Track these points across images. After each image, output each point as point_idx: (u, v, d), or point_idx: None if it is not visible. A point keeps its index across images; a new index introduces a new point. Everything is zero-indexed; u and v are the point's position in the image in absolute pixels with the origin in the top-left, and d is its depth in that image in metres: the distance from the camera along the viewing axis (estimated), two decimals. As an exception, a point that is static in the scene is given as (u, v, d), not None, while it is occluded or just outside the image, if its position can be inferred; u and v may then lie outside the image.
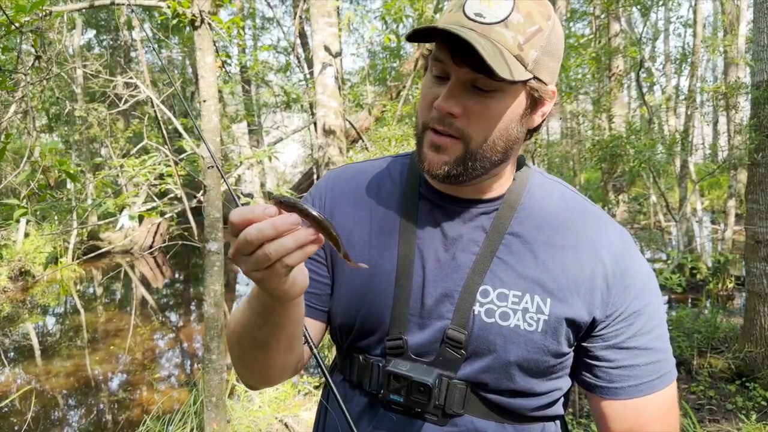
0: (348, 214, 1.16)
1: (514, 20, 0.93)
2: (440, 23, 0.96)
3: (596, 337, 1.06)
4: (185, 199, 4.16)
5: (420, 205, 1.12)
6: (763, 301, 4.92)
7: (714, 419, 4.41)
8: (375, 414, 1.11)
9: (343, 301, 1.14)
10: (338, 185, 1.20)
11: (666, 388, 1.07)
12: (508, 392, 1.06)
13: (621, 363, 1.05)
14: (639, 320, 1.05)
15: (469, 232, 1.09)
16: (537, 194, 1.12)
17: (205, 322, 3.67)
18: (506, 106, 0.98)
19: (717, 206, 16.92)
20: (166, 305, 10.05)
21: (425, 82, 1.03)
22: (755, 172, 5.05)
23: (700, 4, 9.36)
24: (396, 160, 1.23)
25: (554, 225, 1.08)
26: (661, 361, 1.07)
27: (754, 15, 5.10)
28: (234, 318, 1.05)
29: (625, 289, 1.05)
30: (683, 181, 9.66)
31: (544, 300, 1.03)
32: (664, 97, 10.43)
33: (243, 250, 0.77)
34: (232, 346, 1.08)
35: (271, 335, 0.98)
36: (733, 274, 8.63)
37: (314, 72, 5.27)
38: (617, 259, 1.06)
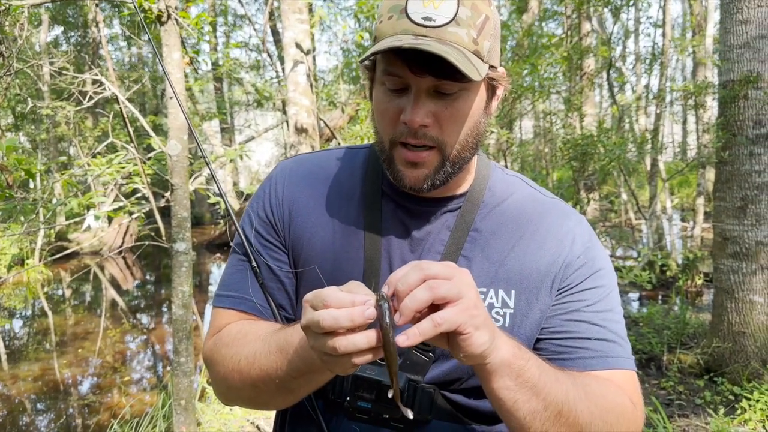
0: (309, 212, 1.12)
1: (462, 16, 0.91)
2: (389, 34, 0.92)
3: (550, 309, 1.05)
4: (152, 198, 4.07)
5: (383, 204, 1.10)
6: (731, 297, 5.00)
7: (683, 414, 4.47)
8: (338, 425, 1.07)
9: None
10: (294, 180, 1.15)
11: (622, 371, 1.03)
12: (476, 391, 1.05)
13: (573, 335, 1.03)
14: (592, 296, 1.05)
15: (434, 231, 1.08)
16: (498, 190, 1.12)
17: (173, 325, 3.60)
18: (472, 103, 0.97)
19: (686, 204, 17.22)
20: (137, 307, 9.89)
21: (380, 96, 0.99)
22: (723, 170, 5.13)
23: (669, 5, 9.50)
24: (352, 152, 1.20)
25: (516, 219, 1.08)
26: (615, 344, 1.04)
27: (721, 16, 5.18)
28: (250, 356, 1.00)
29: (581, 267, 1.06)
30: (653, 180, 9.80)
31: (508, 293, 1.04)
32: (635, 96, 10.57)
33: (316, 328, 0.76)
34: (237, 381, 1.03)
35: (302, 386, 0.96)
36: (702, 270, 8.78)
37: (285, 70, 5.22)
38: (577, 246, 1.07)
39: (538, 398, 0.87)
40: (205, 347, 1.14)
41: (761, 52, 4.77)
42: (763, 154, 4.81)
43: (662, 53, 9.56)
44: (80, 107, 3.93)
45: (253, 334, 1.03)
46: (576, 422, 0.90)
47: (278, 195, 1.14)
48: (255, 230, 1.14)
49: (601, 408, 0.94)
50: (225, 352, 1.06)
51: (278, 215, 1.13)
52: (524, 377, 0.85)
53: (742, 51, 4.85)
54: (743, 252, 4.91)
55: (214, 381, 1.11)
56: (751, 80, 4.78)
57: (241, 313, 1.11)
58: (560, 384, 0.90)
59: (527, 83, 7.50)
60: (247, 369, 1.00)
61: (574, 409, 0.90)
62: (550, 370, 0.90)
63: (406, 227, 1.08)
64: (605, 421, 0.93)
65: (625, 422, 0.97)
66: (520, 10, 9.74)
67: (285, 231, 1.12)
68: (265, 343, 0.98)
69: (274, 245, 1.13)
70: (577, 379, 0.95)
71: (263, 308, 1.11)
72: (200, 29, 3.95)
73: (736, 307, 4.96)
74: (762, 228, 4.83)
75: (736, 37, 4.88)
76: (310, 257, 1.10)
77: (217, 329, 1.12)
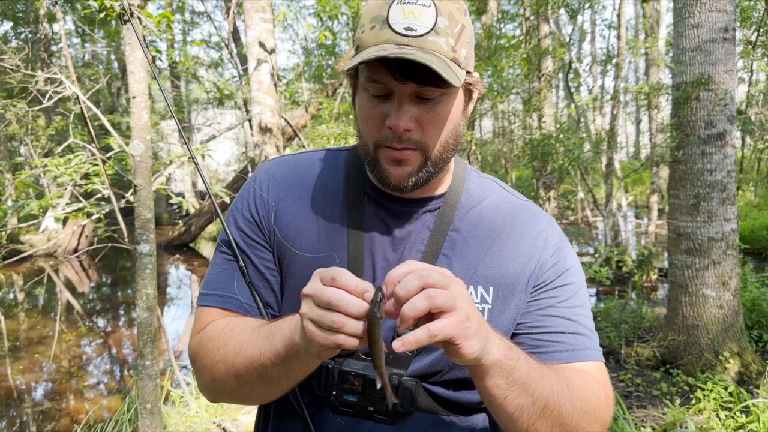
0: (293, 212, 1.15)
1: (441, 26, 0.96)
2: (372, 43, 0.96)
3: (526, 306, 1.11)
4: (114, 199, 3.99)
5: (366, 205, 1.14)
6: (685, 291, 5.18)
7: (641, 405, 4.61)
8: (323, 419, 1.11)
9: (295, 304, 1.12)
10: (278, 181, 1.18)
11: (594, 362, 1.10)
12: (456, 383, 1.10)
13: (549, 329, 1.10)
14: (564, 293, 1.12)
15: (415, 231, 1.12)
16: (474, 192, 1.18)
17: (137, 327, 3.54)
18: (451, 107, 1.02)
19: (640, 202, 17.72)
20: (93, 310, 9.65)
21: (363, 102, 1.03)
22: (676, 169, 5.31)
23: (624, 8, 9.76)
24: (333, 154, 1.23)
25: (492, 220, 1.14)
26: (586, 337, 1.11)
27: (674, 20, 5.35)
28: (237, 347, 1.03)
29: (553, 266, 1.12)
30: (609, 178, 10.06)
31: (487, 290, 1.09)
32: (591, 97, 10.82)
33: (317, 301, 0.82)
34: (222, 372, 1.06)
35: (282, 376, 0.99)
36: (657, 266, 9.07)
37: (249, 68, 5.18)
38: (550, 247, 1.14)
39: (526, 394, 0.92)
40: (191, 343, 1.15)
41: (712, 56, 4.95)
42: (714, 154, 5.00)
43: (618, 55, 9.82)
44: (40, 107, 3.83)
45: (241, 327, 1.06)
46: (560, 414, 0.96)
47: (263, 195, 1.17)
48: (240, 230, 1.16)
49: (581, 399, 1.00)
50: (211, 345, 1.08)
51: (263, 215, 1.15)
52: (514, 376, 0.91)
53: (694, 54, 5.03)
54: (696, 248, 5.09)
55: (199, 375, 1.13)
56: (703, 82, 4.96)
57: (226, 311, 1.14)
58: (546, 380, 0.96)
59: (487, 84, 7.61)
60: (233, 359, 1.03)
61: (558, 402, 0.96)
62: (537, 367, 0.96)
63: (387, 227, 1.12)
64: (584, 410, 1.00)
65: (600, 410, 1.04)
66: (479, 12, 9.87)
67: (270, 230, 1.15)
68: (254, 334, 1.02)
69: (260, 244, 1.15)
70: (560, 373, 1.01)
71: (249, 306, 1.13)
72: (160, 27, 3.89)
73: (690, 301, 5.14)
74: (714, 225, 5.02)
75: (689, 40, 5.05)
76: (295, 256, 1.12)
77: (202, 326, 1.14)
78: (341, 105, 6.77)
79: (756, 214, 12.49)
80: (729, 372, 4.87)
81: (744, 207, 13.33)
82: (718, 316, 5.03)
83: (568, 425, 0.98)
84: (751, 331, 5.63)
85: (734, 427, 3.64)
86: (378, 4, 0.98)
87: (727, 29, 4.93)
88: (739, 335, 5.06)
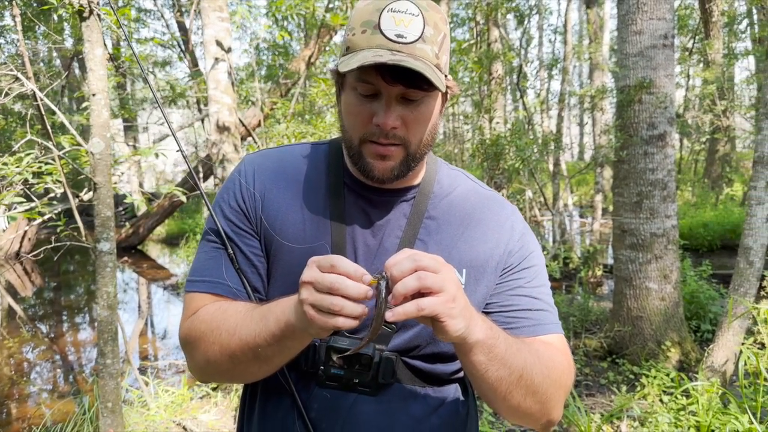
0: (279, 201, 1.22)
1: (427, 34, 1.06)
2: (364, 47, 1.05)
3: (497, 287, 1.23)
4: (71, 197, 3.94)
5: (346, 195, 1.23)
6: (629, 284, 5.44)
7: (590, 394, 4.83)
8: (309, 393, 1.19)
9: (283, 287, 1.20)
10: (263, 172, 1.25)
11: (557, 334, 1.23)
12: (432, 357, 1.21)
13: (517, 307, 1.22)
14: (529, 274, 1.25)
15: (393, 219, 1.22)
16: (445, 183, 1.29)
17: (97, 326, 3.52)
18: (433, 107, 1.13)
19: (584, 201, 18.28)
20: (36, 315, 9.35)
21: (351, 100, 1.12)
22: (620, 169, 5.56)
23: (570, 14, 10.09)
24: (314, 147, 1.32)
25: (462, 208, 1.26)
26: (549, 312, 1.25)
27: (618, 27, 5.61)
28: (231, 329, 1.09)
29: (519, 251, 1.25)
30: (556, 178, 10.39)
31: (460, 271, 1.20)
32: (539, 99, 11.16)
33: (318, 286, 0.89)
34: (217, 353, 1.11)
35: (276, 354, 1.06)
36: (601, 262, 9.42)
37: (206, 67, 5.17)
38: (516, 233, 1.26)
39: (504, 367, 1.04)
40: (182, 328, 1.20)
41: (653, 61, 5.22)
42: (656, 154, 5.27)
43: (564, 59, 10.16)
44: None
45: (233, 310, 1.12)
46: (532, 383, 1.09)
47: (249, 185, 1.24)
48: (227, 219, 1.23)
49: (549, 368, 1.13)
50: (204, 327, 1.13)
51: (250, 204, 1.22)
52: (494, 352, 1.02)
53: (636, 59, 5.29)
54: (639, 243, 5.36)
55: (192, 357, 1.18)
56: (645, 86, 5.22)
57: (216, 296, 1.19)
58: (521, 353, 1.07)
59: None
60: (227, 340, 1.09)
61: (531, 372, 1.08)
62: (513, 343, 1.07)
63: (367, 215, 1.21)
64: (551, 378, 1.13)
65: (565, 377, 1.18)
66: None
67: (257, 218, 1.22)
68: (247, 316, 1.09)
69: (247, 232, 1.22)
70: (531, 346, 1.13)
71: (239, 291, 1.19)
72: (118, 25, 3.85)
73: (634, 294, 5.40)
74: (656, 221, 5.30)
75: (631, 46, 5.31)
76: (282, 243, 1.20)
77: (193, 311, 1.19)
78: (297, 105, 6.80)
79: (693, 212, 13.07)
80: (671, 360, 5.14)
81: (682, 206, 13.94)
82: (660, 308, 5.30)
83: (539, 392, 1.10)
84: (690, 322, 5.95)
85: (676, 409, 3.87)
86: (368, 9, 1.06)
87: (667, 36, 5.22)
88: (680, 325, 5.35)
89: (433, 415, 1.22)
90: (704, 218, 11.92)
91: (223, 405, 4.55)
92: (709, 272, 7.05)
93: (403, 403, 1.20)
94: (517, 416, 1.14)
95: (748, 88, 18.93)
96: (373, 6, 1.06)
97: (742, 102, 17.73)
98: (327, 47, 8.46)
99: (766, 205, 4.40)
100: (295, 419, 1.18)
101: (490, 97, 8.39)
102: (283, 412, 1.20)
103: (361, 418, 1.17)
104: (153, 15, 13.83)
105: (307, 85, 8.87)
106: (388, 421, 1.18)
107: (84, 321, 8.81)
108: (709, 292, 6.24)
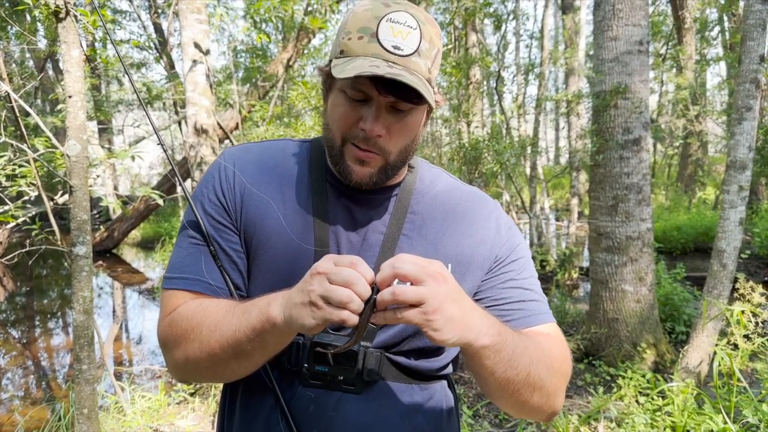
0: (261, 194, 1.21)
1: (423, 48, 1.07)
2: (359, 54, 1.05)
3: (487, 282, 1.25)
4: (47, 200, 3.87)
5: (329, 191, 1.22)
6: (605, 287, 5.51)
7: (568, 395, 4.88)
8: (293, 392, 1.18)
9: (264, 283, 1.19)
10: (244, 165, 1.23)
11: (551, 324, 1.25)
12: (416, 353, 1.22)
13: (510, 300, 1.23)
14: (518, 266, 1.26)
15: (376, 215, 1.23)
16: (427, 180, 1.30)
17: (73, 331, 3.46)
18: (419, 119, 1.15)
19: (560, 205, 18.47)
20: (7, 320, 9.17)
21: (340, 101, 1.12)
22: (596, 173, 5.64)
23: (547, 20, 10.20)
24: (296, 143, 1.31)
25: (445, 204, 1.27)
26: (541, 302, 1.26)
27: (594, 32, 5.69)
28: (212, 326, 1.08)
29: (506, 244, 1.26)
30: (533, 182, 10.48)
31: (446, 265, 1.20)
32: (516, 104, 11.26)
33: (333, 278, 0.90)
34: (197, 351, 1.10)
35: (257, 349, 1.05)
36: (577, 265, 9.52)
37: (183, 69, 5.12)
38: (502, 228, 1.28)
39: (511, 368, 1.05)
40: (161, 326, 1.18)
41: (628, 66, 5.31)
42: (631, 158, 5.35)
43: (541, 64, 10.27)
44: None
45: (213, 307, 1.11)
46: (539, 378, 1.10)
47: (229, 179, 1.22)
48: (207, 213, 1.20)
49: (552, 359, 1.15)
50: (184, 324, 1.12)
51: (230, 198, 1.20)
52: (501, 355, 1.03)
53: (612, 65, 5.37)
54: (615, 246, 5.43)
55: (171, 356, 1.16)
56: (621, 91, 5.30)
57: (195, 294, 1.17)
58: (527, 351, 1.09)
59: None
60: (208, 337, 1.08)
61: (536, 369, 1.10)
62: (519, 342, 1.08)
63: (350, 211, 1.22)
64: (554, 369, 1.15)
65: (565, 366, 1.20)
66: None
67: (237, 213, 1.20)
68: (228, 312, 1.07)
69: (227, 227, 1.20)
70: (535, 341, 1.14)
71: (219, 288, 1.18)
72: (95, 26, 3.81)
73: (610, 296, 5.47)
74: (631, 224, 5.37)
75: (607, 51, 5.39)
76: (263, 239, 1.19)
77: (171, 308, 1.17)
78: (275, 108, 6.77)
79: (667, 216, 13.27)
80: (646, 361, 5.22)
81: (656, 209, 14.15)
82: (636, 310, 5.38)
83: (545, 387, 1.12)
84: (665, 323, 6.04)
85: (652, 409, 3.93)
86: (366, 16, 1.06)
87: (642, 42, 5.30)
88: (655, 327, 5.43)
89: (419, 413, 1.22)
90: (678, 221, 12.11)
91: (200, 410, 4.50)
92: (683, 274, 7.16)
93: (388, 401, 1.20)
94: (524, 412, 1.16)
95: (720, 94, 19.33)
96: (372, 13, 1.06)
97: (714, 107, 18.08)
98: (306, 50, 8.44)
99: (738, 209, 4.49)
100: (279, 418, 1.17)
101: (468, 101, 8.44)
102: (266, 412, 1.19)
103: (346, 417, 1.16)
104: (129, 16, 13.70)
105: (285, 88, 8.84)
106: (374, 419, 1.17)
107: (57, 326, 8.66)
108: (683, 294, 6.34)
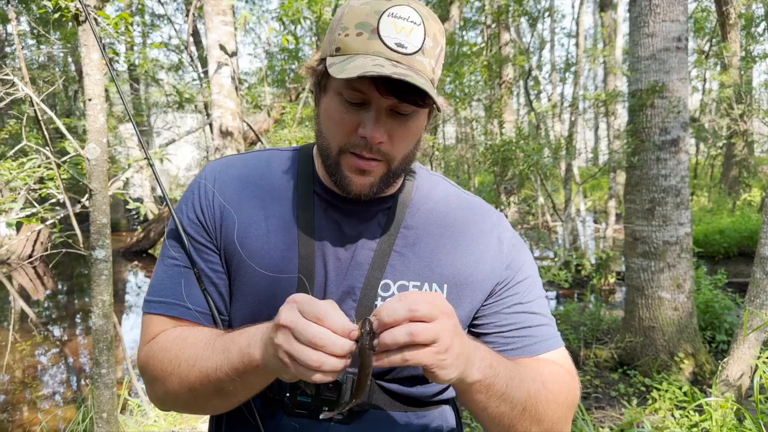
0: (241, 212, 1.12)
1: (427, 46, 0.96)
2: (359, 52, 0.95)
3: (490, 306, 1.14)
4: (69, 203, 3.89)
5: (316, 204, 1.12)
6: (641, 294, 5.30)
7: (600, 406, 4.70)
8: (276, 423, 1.09)
9: (245, 308, 1.11)
10: (225, 180, 1.15)
11: (559, 350, 1.15)
12: (410, 379, 1.11)
13: (516, 326, 1.13)
14: (524, 288, 1.16)
15: (367, 230, 1.11)
16: (425, 190, 1.18)
17: (93, 335, 3.45)
18: (421, 123, 1.04)
19: (599, 207, 18.08)
20: (49, 318, 9.37)
21: (335, 106, 1.01)
22: (632, 174, 5.44)
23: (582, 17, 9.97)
24: (280, 153, 1.22)
25: (444, 217, 1.16)
26: (549, 326, 1.16)
27: (629, 29, 5.49)
28: (191, 360, 1.01)
29: (511, 264, 1.15)
30: (568, 184, 10.25)
31: (441, 286, 1.10)
32: (550, 104, 11.02)
33: (298, 336, 0.81)
34: (176, 385, 1.04)
35: (239, 389, 0.98)
36: (614, 269, 9.25)
37: (209, 71, 5.12)
38: (504, 244, 1.16)
39: (505, 403, 0.98)
40: (140, 354, 1.12)
41: (666, 64, 5.10)
42: (668, 159, 5.14)
43: (576, 63, 10.02)
44: (-12, 108, 3.73)
45: (193, 338, 1.03)
46: (537, 412, 1.02)
47: (208, 196, 1.13)
48: (186, 232, 1.12)
49: (554, 393, 1.06)
50: (162, 356, 1.05)
51: (209, 216, 1.12)
52: (493, 390, 0.96)
53: (649, 62, 5.17)
54: (652, 251, 5.22)
55: (151, 387, 1.10)
56: (657, 90, 5.09)
57: (174, 320, 1.10)
58: (523, 384, 1.00)
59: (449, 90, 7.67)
60: (186, 372, 1.01)
61: (535, 402, 1.01)
62: (515, 375, 1.00)
63: (339, 226, 1.11)
64: (557, 402, 1.05)
65: (572, 396, 1.10)
66: (442, 19, 9.97)
67: (216, 231, 1.11)
68: (208, 347, 0.99)
69: (206, 247, 1.12)
70: (535, 372, 1.06)
71: (200, 314, 1.10)
72: (117, 29, 3.81)
73: (646, 303, 5.27)
74: (668, 228, 5.16)
75: (644, 49, 5.19)
76: (244, 258, 1.10)
77: (151, 336, 1.10)
78: (304, 109, 6.74)
79: (709, 219, 12.86)
80: (684, 372, 5.00)
81: (698, 212, 13.72)
82: (673, 318, 5.16)
83: (545, 419, 1.04)
84: (705, 332, 5.79)
85: (688, 425, 3.74)
86: (365, 10, 0.96)
87: (680, 39, 5.09)
88: (693, 336, 5.20)
89: None
90: (720, 224, 11.71)
91: (223, 415, 4.48)
92: (725, 280, 6.87)
93: (381, 431, 1.10)
94: None
95: (767, 92, 18.63)
96: (372, 7, 0.95)
97: (761, 106, 17.45)
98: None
99: (783, 213, 4.25)
100: None
101: (500, 101, 8.28)
102: None
103: None
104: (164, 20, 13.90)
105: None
106: None
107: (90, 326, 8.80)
108: (724, 301, 6.07)
